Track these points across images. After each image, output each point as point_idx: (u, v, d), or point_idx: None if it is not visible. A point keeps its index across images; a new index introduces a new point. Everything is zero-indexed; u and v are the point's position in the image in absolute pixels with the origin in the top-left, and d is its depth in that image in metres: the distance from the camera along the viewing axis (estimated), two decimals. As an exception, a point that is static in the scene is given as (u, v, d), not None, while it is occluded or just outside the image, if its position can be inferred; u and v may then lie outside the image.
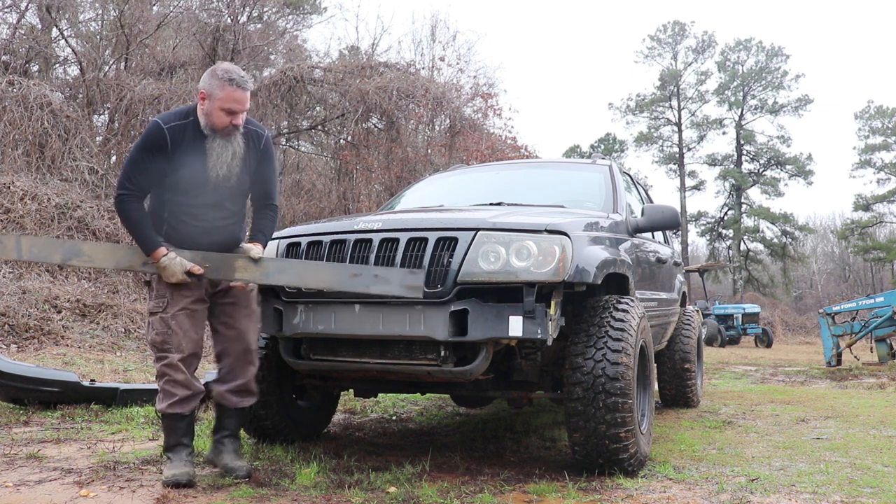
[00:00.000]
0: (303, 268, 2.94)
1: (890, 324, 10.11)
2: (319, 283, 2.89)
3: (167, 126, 2.86)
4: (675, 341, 5.62)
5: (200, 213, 2.94)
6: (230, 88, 2.84)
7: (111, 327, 8.13)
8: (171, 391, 2.90)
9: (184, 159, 2.87)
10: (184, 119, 2.91)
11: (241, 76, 2.88)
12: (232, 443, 3.09)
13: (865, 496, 2.90)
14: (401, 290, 2.77)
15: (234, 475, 2.95)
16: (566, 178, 4.72)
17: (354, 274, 2.83)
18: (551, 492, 2.86)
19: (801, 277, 42.78)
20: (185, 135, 2.88)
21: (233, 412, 3.11)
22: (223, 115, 2.87)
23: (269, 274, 2.90)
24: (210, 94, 2.86)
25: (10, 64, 12.91)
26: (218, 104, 2.85)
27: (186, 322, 2.90)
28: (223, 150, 2.90)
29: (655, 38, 38.10)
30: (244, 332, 3.05)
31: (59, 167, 10.51)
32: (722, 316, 19.83)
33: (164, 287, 2.89)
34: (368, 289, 2.81)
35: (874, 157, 37.26)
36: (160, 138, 2.85)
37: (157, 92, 12.30)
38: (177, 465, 2.87)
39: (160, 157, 2.86)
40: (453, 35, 24.38)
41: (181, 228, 2.94)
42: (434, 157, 14.85)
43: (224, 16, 15.00)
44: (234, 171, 2.94)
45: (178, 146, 2.86)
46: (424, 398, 5.79)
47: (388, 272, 2.81)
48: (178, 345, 2.88)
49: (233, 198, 3.01)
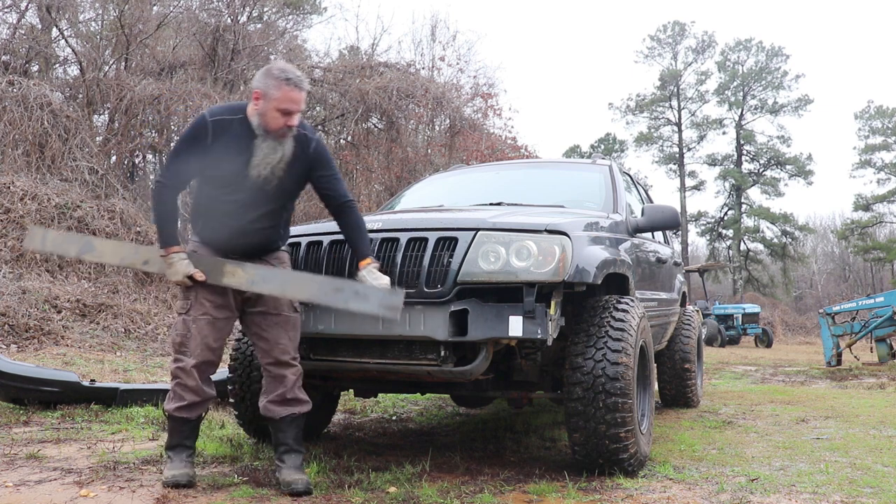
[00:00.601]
0: (287, 277, 2.89)
1: (890, 324, 10.11)
2: (301, 294, 2.85)
3: (212, 118, 2.79)
4: (675, 341, 5.62)
5: (235, 211, 2.85)
6: (287, 88, 2.74)
7: (111, 327, 8.14)
8: (180, 394, 2.88)
9: (225, 154, 2.78)
10: (233, 114, 2.83)
11: (297, 76, 2.78)
12: (291, 458, 2.91)
13: (865, 496, 2.90)
14: (379, 309, 2.71)
15: (290, 489, 2.78)
16: (566, 178, 4.72)
17: (336, 288, 2.78)
18: (551, 492, 2.87)
19: (801, 277, 42.78)
20: (230, 129, 2.80)
21: (283, 424, 2.94)
22: (278, 116, 2.76)
23: (254, 281, 2.84)
24: (265, 93, 2.75)
25: (10, 64, 12.91)
26: (274, 104, 2.75)
27: (206, 328, 2.85)
28: (272, 151, 2.80)
29: (655, 38, 38.12)
30: (275, 342, 2.92)
31: (59, 167, 10.51)
32: (722, 316, 19.83)
33: (191, 289, 2.85)
34: (347, 304, 2.75)
35: (874, 157, 37.27)
36: (202, 129, 2.78)
37: (157, 92, 12.30)
38: (176, 465, 2.86)
39: (200, 149, 2.78)
40: (453, 35, 24.35)
41: (215, 226, 2.89)
42: (434, 157, 14.85)
43: (224, 16, 15.00)
44: (277, 174, 2.83)
45: (219, 139, 2.78)
46: (424, 398, 5.79)
47: (369, 290, 2.75)
48: (193, 350, 2.84)
49: (271, 200, 2.89)
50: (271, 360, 2.93)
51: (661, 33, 37.98)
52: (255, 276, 2.84)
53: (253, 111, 2.81)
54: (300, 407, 2.98)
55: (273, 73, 2.76)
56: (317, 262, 3.14)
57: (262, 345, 2.94)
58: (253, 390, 3.62)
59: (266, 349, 2.93)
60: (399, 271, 2.97)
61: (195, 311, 2.85)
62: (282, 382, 2.94)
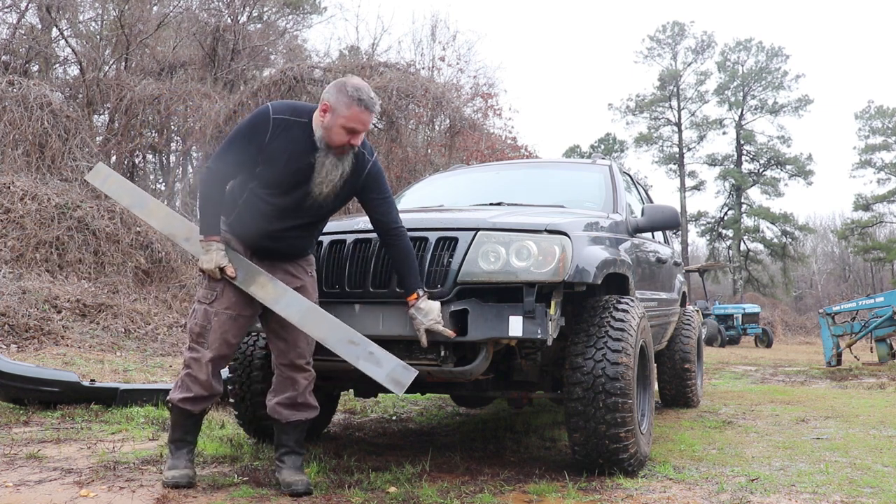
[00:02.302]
0: (309, 312, 2.79)
1: (890, 324, 10.11)
2: (316, 332, 2.78)
3: (275, 116, 2.73)
4: (675, 341, 5.62)
5: (275, 214, 2.79)
6: (358, 109, 2.68)
7: (111, 327, 8.14)
8: (189, 385, 2.82)
9: (282, 157, 2.72)
10: (297, 116, 2.76)
11: (370, 97, 2.71)
12: (291, 459, 2.90)
13: (865, 496, 2.90)
14: (386, 380, 2.66)
15: (290, 490, 2.77)
16: (566, 178, 4.72)
17: (351, 341, 2.72)
18: (551, 492, 2.86)
19: (801, 277, 42.78)
20: (290, 132, 2.73)
21: (288, 428, 2.92)
22: (343, 133, 2.70)
23: (277, 301, 2.77)
24: (334, 108, 2.69)
25: (10, 64, 12.92)
26: (341, 121, 2.69)
27: (227, 324, 2.80)
28: (334, 168, 2.75)
29: (655, 38, 38.12)
30: (293, 344, 2.89)
31: (59, 167, 10.52)
32: (722, 316, 19.83)
33: (219, 281, 2.79)
34: (357, 361, 2.69)
35: (874, 157, 37.28)
36: (264, 124, 2.72)
37: (157, 92, 12.31)
38: (177, 464, 2.84)
39: (256, 143, 2.72)
40: (453, 35, 24.41)
41: (249, 222, 2.81)
42: (434, 157, 14.85)
43: (224, 16, 15.01)
44: (336, 191, 2.80)
45: (276, 139, 2.72)
46: (424, 398, 5.79)
47: (384, 358, 2.69)
48: (211, 343, 2.79)
49: (314, 214, 2.86)
50: (287, 361, 2.90)
51: (661, 33, 37.99)
52: (280, 298, 2.77)
53: (318, 123, 2.74)
54: (309, 413, 2.96)
55: (347, 91, 2.69)
56: (340, 262, 3.08)
57: (280, 345, 2.90)
58: (253, 390, 3.62)
59: (283, 350, 2.90)
60: (399, 271, 2.96)
61: (219, 305, 2.79)
62: (293, 386, 2.91)
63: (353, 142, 2.74)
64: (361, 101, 2.68)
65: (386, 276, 2.98)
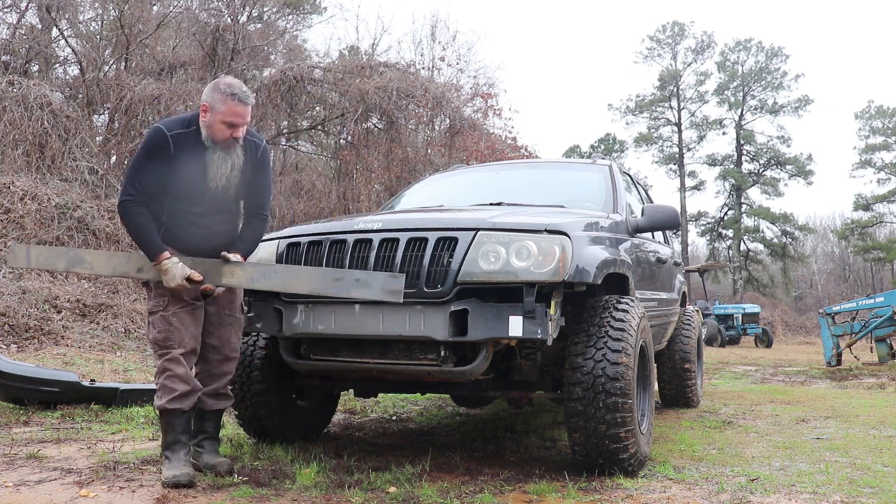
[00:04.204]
0: (286, 273, 2.96)
1: (890, 324, 10.11)
2: (302, 287, 2.90)
3: (171, 133, 2.93)
4: (675, 341, 5.62)
5: (198, 220, 3.01)
6: (232, 103, 2.90)
7: (111, 327, 8.13)
8: (170, 387, 2.91)
9: (185, 167, 2.93)
10: (186, 127, 2.97)
11: (243, 91, 2.94)
12: (211, 444, 3.14)
13: (865, 496, 2.90)
14: (381, 294, 2.75)
15: (216, 471, 2.98)
16: (566, 178, 4.72)
17: (336, 279, 2.84)
18: (551, 492, 2.87)
19: (801, 277, 42.78)
20: (187, 143, 2.94)
21: (210, 415, 3.15)
22: (224, 128, 2.93)
23: (255, 279, 2.92)
24: (212, 107, 2.92)
25: (10, 64, 12.91)
26: (220, 117, 2.91)
27: (188, 318, 2.96)
28: (223, 162, 2.97)
29: (655, 38, 38.12)
30: (225, 340, 3.11)
31: (59, 167, 10.51)
32: (722, 316, 19.84)
33: (163, 287, 2.92)
34: (349, 293, 2.80)
35: (874, 157, 37.28)
36: (164, 142, 2.91)
37: (157, 92, 12.30)
38: (176, 465, 2.86)
39: (164, 162, 2.92)
40: (453, 35, 24.33)
41: (179, 233, 2.99)
42: (434, 157, 14.84)
43: (224, 16, 15.00)
44: (233, 181, 3.01)
45: (180, 153, 2.93)
46: (424, 398, 5.79)
47: (370, 276, 2.80)
48: (180, 340, 2.93)
49: (230, 205, 3.08)
50: (221, 356, 3.11)
51: (661, 34, 37.99)
52: (254, 274, 2.92)
53: (202, 123, 2.96)
54: (228, 402, 3.20)
55: (220, 88, 2.92)
56: (340, 262, 3.13)
57: (212, 340, 3.09)
58: (253, 390, 3.62)
59: (216, 345, 3.10)
60: (399, 271, 2.96)
61: (174, 306, 2.95)
62: (220, 378, 3.12)
63: (235, 135, 2.95)
64: (235, 94, 2.90)
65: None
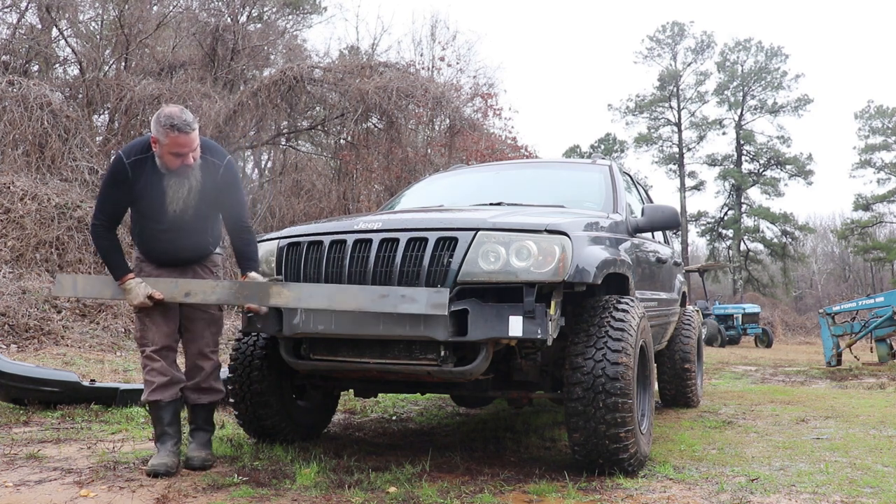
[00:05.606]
0: (333, 291, 2.96)
1: (890, 324, 10.11)
2: (349, 304, 2.91)
3: (128, 161, 3.06)
4: (675, 341, 5.62)
5: (163, 236, 3.18)
6: (173, 135, 2.96)
7: (111, 327, 8.14)
8: (150, 380, 3.13)
9: (144, 192, 3.08)
10: (145, 152, 3.08)
11: (182, 120, 2.97)
12: (199, 435, 3.27)
13: (865, 496, 2.90)
14: (427, 308, 2.78)
15: (187, 464, 3.12)
16: (566, 178, 4.72)
17: (383, 295, 2.86)
18: (551, 492, 2.86)
19: (801, 277, 42.78)
20: (144, 168, 3.07)
21: (196, 409, 3.30)
22: (173, 158, 3.02)
23: (302, 298, 2.98)
24: (158, 139, 3.00)
25: (10, 64, 12.91)
26: (166, 149, 3.00)
27: (158, 318, 3.16)
28: (179, 186, 3.07)
29: (655, 38, 38.13)
30: (198, 336, 3.26)
31: (59, 167, 10.51)
32: (722, 316, 19.83)
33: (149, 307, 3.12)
34: (396, 308, 2.84)
35: (874, 156, 37.30)
36: (122, 172, 3.06)
37: (157, 92, 12.30)
38: (160, 455, 3.04)
39: (124, 189, 3.08)
40: (453, 35, 24.41)
41: (153, 247, 3.24)
42: (434, 157, 14.84)
43: (224, 16, 15.01)
44: (192, 203, 3.11)
45: (138, 179, 3.07)
46: (424, 398, 5.79)
47: (415, 292, 2.82)
48: (152, 338, 3.15)
49: (193, 224, 3.19)
50: (195, 351, 3.27)
51: (661, 34, 38.00)
52: (301, 294, 2.98)
53: (155, 153, 3.07)
54: (213, 396, 3.31)
55: (160, 121, 2.98)
56: (340, 262, 3.12)
57: (187, 336, 3.28)
58: (253, 390, 3.62)
59: (190, 339, 3.27)
60: (399, 271, 2.96)
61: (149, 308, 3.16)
62: (198, 373, 3.26)
63: (186, 162, 3.03)
64: (174, 126, 2.96)
65: (386, 276, 2.99)
